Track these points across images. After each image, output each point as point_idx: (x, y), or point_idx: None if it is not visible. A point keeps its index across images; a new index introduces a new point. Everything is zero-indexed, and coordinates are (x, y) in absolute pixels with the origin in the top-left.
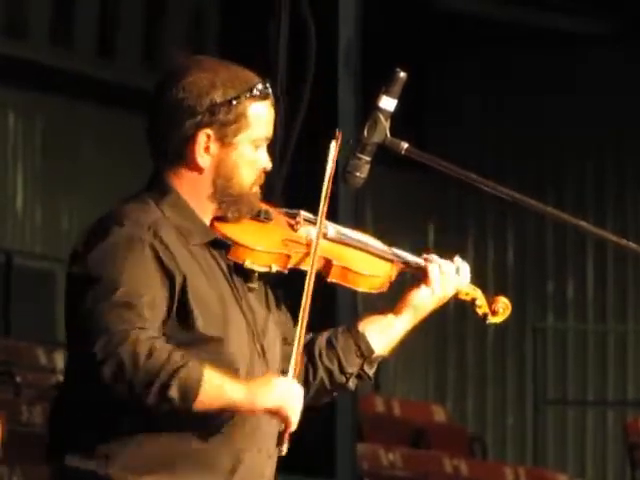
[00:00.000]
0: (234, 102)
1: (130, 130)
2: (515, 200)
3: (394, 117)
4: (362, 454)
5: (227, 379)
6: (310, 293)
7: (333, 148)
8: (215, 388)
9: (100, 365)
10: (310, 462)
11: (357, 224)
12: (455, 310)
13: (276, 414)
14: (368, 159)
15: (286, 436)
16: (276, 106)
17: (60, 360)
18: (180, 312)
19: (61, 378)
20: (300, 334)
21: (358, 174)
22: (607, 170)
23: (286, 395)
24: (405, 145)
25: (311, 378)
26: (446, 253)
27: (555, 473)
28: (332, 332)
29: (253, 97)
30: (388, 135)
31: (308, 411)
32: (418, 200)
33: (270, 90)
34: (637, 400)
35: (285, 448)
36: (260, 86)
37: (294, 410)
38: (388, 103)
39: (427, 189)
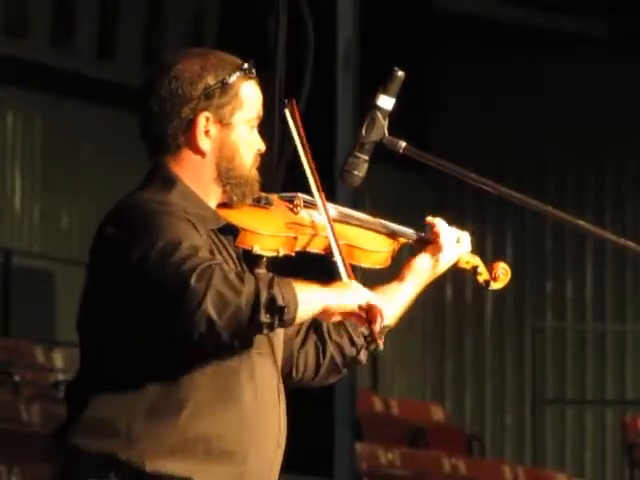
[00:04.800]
0: (228, 81)
1: (130, 130)
2: (514, 200)
3: (393, 116)
4: (360, 453)
5: (310, 285)
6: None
7: (289, 117)
8: (308, 294)
9: (200, 305)
10: (309, 461)
11: None
12: (454, 309)
13: (366, 310)
14: (366, 158)
15: (376, 333)
16: (276, 105)
17: (59, 359)
18: None
19: (60, 377)
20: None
21: (356, 173)
22: (607, 170)
23: (369, 294)
24: (403, 144)
25: (321, 357)
26: None
27: (554, 472)
28: None
29: (243, 77)
30: (386, 134)
31: (307, 408)
32: (416, 199)
33: (255, 70)
34: (635, 399)
35: (381, 344)
36: (247, 65)
37: (379, 303)
38: (386, 102)
39: (425, 188)
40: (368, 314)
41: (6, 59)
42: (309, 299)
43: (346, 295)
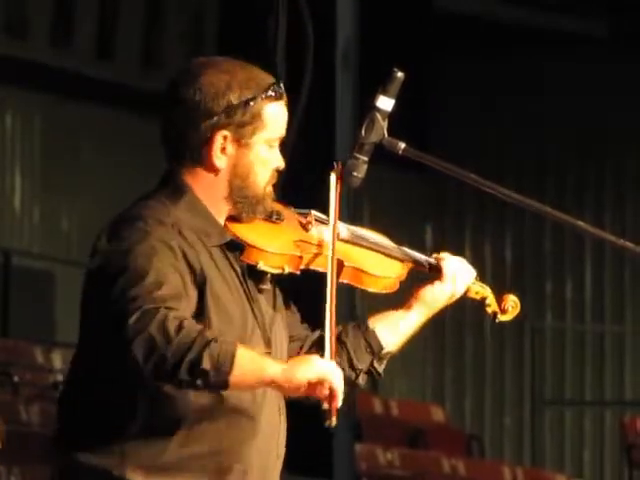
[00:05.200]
0: (250, 103)
1: (130, 130)
2: (514, 200)
3: (393, 116)
4: (360, 454)
5: (261, 355)
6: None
7: (333, 180)
8: (250, 362)
9: (130, 344)
10: (308, 462)
11: (354, 224)
12: (453, 310)
13: (317, 386)
14: (365, 159)
15: (333, 410)
16: None
17: (58, 360)
18: (198, 312)
19: (59, 377)
20: (331, 318)
21: (355, 174)
22: (607, 170)
23: (327, 369)
24: (402, 145)
25: None
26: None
27: (553, 473)
28: (342, 328)
29: (268, 98)
30: (386, 135)
31: (307, 409)
32: (416, 200)
33: (284, 90)
34: (634, 400)
35: (335, 421)
36: (275, 87)
37: (337, 383)
38: (385, 103)
39: (425, 189)
40: (323, 389)
41: (6, 59)
42: (248, 367)
43: (298, 370)
